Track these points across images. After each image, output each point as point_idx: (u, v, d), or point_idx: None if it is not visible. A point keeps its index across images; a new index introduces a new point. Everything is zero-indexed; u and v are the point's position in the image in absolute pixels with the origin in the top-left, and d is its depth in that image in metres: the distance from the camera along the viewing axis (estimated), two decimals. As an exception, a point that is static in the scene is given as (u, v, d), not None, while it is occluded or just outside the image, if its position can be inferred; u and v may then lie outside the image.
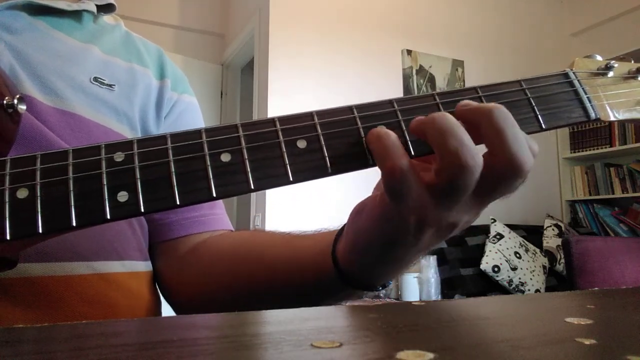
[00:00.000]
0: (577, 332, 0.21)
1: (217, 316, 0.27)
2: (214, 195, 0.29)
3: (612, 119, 0.38)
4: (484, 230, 2.58)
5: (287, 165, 0.30)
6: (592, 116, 0.37)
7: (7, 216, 0.27)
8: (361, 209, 0.35)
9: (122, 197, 0.28)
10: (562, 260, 2.47)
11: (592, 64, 0.40)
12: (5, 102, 0.34)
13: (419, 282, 2.16)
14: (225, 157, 0.30)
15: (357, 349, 0.18)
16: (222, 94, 3.40)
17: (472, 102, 0.32)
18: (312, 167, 0.31)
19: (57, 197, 0.28)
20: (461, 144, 0.28)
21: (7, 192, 0.27)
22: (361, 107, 0.33)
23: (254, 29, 2.75)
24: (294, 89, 2.51)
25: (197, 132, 0.31)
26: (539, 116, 0.35)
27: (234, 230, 0.58)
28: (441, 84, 2.91)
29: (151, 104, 0.56)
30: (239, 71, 3.48)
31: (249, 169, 0.30)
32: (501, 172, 0.29)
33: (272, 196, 2.38)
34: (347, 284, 0.38)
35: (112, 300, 0.46)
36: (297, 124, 0.32)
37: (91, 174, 0.28)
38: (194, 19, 3.45)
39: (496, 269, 2.39)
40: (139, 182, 0.29)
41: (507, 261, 2.43)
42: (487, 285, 2.41)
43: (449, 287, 2.32)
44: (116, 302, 0.46)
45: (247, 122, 0.31)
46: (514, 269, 2.42)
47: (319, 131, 0.32)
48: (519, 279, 2.41)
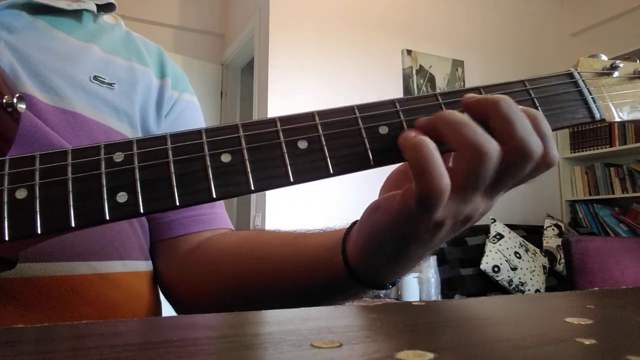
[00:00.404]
0: (577, 332, 0.21)
1: (217, 316, 0.27)
2: (214, 196, 0.29)
3: (617, 120, 0.38)
4: (484, 230, 2.58)
5: (288, 165, 0.30)
6: (597, 117, 0.36)
7: (5, 217, 0.27)
8: (376, 208, 0.35)
9: (122, 197, 0.28)
10: (562, 260, 2.47)
11: (597, 64, 0.40)
12: (4, 101, 0.34)
13: (419, 282, 2.16)
14: (225, 158, 0.30)
15: (357, 349, 0.18)
16: (222, 94, 3.40)
17: (477, 95, 0.33)
18: (313, 168, 0.30)
19: (56, 197, 0.28)
20: (475, 132, 0.29)
21: (5, 193, 0.27)
22: (363, 107, 0.33)
23: (254, 29, 2.75)
24: (294, 89, 2.51)
25: (197, 133, 0.30)
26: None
27: (234, 229, 0.58)
28: (441, 84, 2.91)
29: (152, 102, 0.56)
30: (239, 71, 3.48)
31: (249, 170, 0.30)
32: (512, 160, 0.30)
33: (272, 196, 2.38)
34: (358, 282, 0.38)
35: (112, 300, 0.46)
36: (298, 124, 0.31)
37: (90, 175, 0.28)
38: (194, 19, 3.45)
39: (496, 269, 2.39)
40: (138, 183, 0.28)
41: (507, 261, 2.43)
42: (487, 285, 2.41)
43: (449, 287, 2.32)
44: (117, 302, 0.46)
45: (248, 122, 0.31)
46: (514, 269, 2.42)
47: (320, 131, 0.31)
48: (519, 279, 2.41)
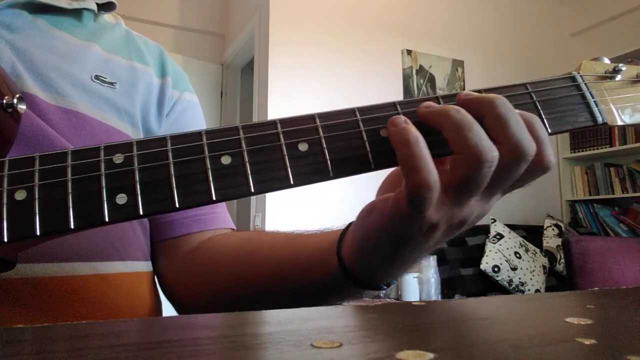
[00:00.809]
0: (577, 332, 0.21)
1: (217, 316, 0.27)
2: (214, 198, 0.29)
3: (620, 124, 0.37)
4: (484, 230, 2.58)
5: (288, 168, 0.30)
6: (599, 121, 0.36)
7: (5, 218, 0.26)
8: (371, 209, 0.35)
9: (121, 199, 0.28)
10: (562, 260, 2.47)
11: (599, 67, 0.40)
12: (4, 101, 0.34)
13: (419, 282, 2.15)
14: (225, 160, 0.30)
15: (357, 349, 0.18)
16: (222, 94, 3.40)
17: (472, 93, 0.32)
18: (314, 171, 0.30)
19: (56, 199, 0.27)
20: (480, 138, 0.29)
21: (5, 194, 0.27)
22: (364, 110, 0.32)
23: (254, 29, 2.75)
24: (294, 89, 2.51)
25: (197, 134, 0.30)
26: (545, 120, 0.34)
27: (235, 229, 0.58)
28: (441, 84, 2.90)
29: (153, 102, 0.56)
30: (239, 71, 3.48)
31: (249, 172, 0.29)
32: (506, 160, 0.30)
33: (272, 196, 2.38)
34: (353, 282, 0.38)
35: (113, 300, 0.46)
36: (299, 127, 0.31)
37: (90, 176, 0.28)
38: (194, 19, 3.45)
39: (496, 269, 2.39)
40: (138, 185, 0.28)
41: (507, 261, 2.43)
42: (487, 285, 2.41)
43: (449, 287, 2.32)
44: (117, 302, 0.46)
45: (248, 124, 0.31)
46: (514, 269, 2.42)
47: (321, 134, 0.31)
48: (519, 279, 2.41)
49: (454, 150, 0.30)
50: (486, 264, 2.40)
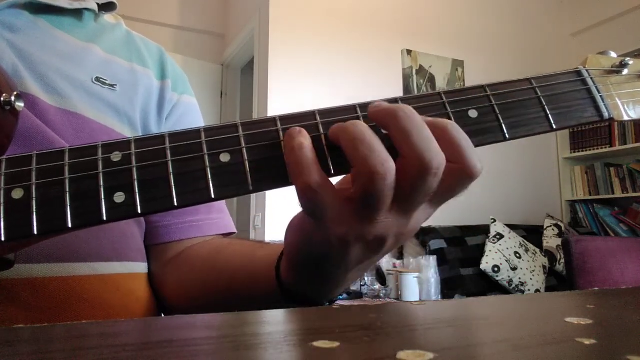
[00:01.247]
0: (577, 332, 0.21)
1: (217, 316, 0.27)
2: (213, 196, 0.29)
3: (626, 119, 0.36)
4: (484, 230, 2.58)
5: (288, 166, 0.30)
6: (605, 116, 0.35)
7: (2, 217, 0.26)
8: (292, 224, 0.34)
9: (119, 197, 0.28)
10: (562, 260, 2.47)
11: (605, 61, 0.39)
12: (2, 99, 0.34)
13: (419, 282, 2.15)
14: (224, 158, 0.29)
15: (357, 349, 0.18)
16: (222, 94, 3.40)
17: (383, 104, 0.31)
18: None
19: (53, 197, 0.27)
20: (370, 150, 0.28)
21: (2, 193, 0.27)
22: (365, 106, 0.32)
23: (254, 29, 2.75)
24: (294, 89, 2.51)
25: (196, 132, 0.30)
26: (550, 116, 0.33)
27: (234, 231, 0.58)
28: (441, 84, 2.91)
29: (153, 104, 0.56)
30: (239, 71, 3.48)
31: (248, 170, 0.29)
32: (413, 174, 0.28)
33: (272, 196, 2.38)
34: (290, 298, 0.38)
35: (112, 301, 0.46)
36: (299, 123, 0.31)
37: (88, 174, 0.28)
38: (194, 19, 3.45)
39: (496, 269, 2.39)
40: (136, 183, 0.28)
41: (507, 261, 2.43)
42: (487, 285, 2.41)
43: (449, 287, 2.32)
44: (115, 302, 0.46)
45: (248, 122, 0.31)
46: (514, 269, 2.42)
47: (321, 131, 0.31)
48: (519, 279, 2.41)
49: (351, 163, 0.29)
50: (486, 264, 2.40)
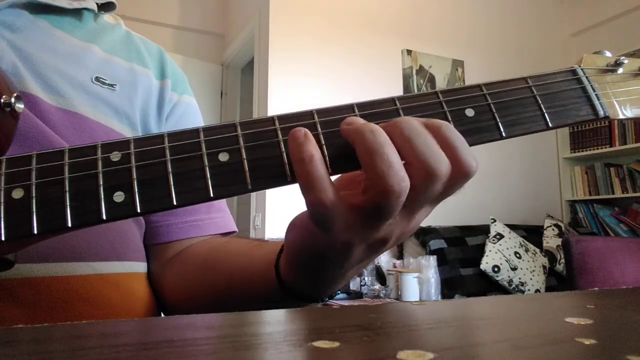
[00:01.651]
0: (577, 332, 0.21)
1: (217, 316, 0.27)
2: (211, 195, 0.29)
3: (621, 117, 0.37)
4: (484, 230, 2.58)
5: (286, 165, 0.30)
6: (601, 114, 0.35)
7: (2, 217, 0.26)
8: (295, 223, 0.34)
9: (119, 197, 0.28)
10: (562, 260, 2.47)
11: (600, 61, 0.39)
12: (2, 100, 0.34)
13: (419, 282, 2.16)
14: (223, 157, 0.29)
15: (357, 349, 0.18)
16: (222, 94, 3.40)
17: (385, 121, 0.30)
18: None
19: (53, 197, 0.27)
20: (389, 166, 0.27)
21: (2, 193, 0.27)
22: (363, 106, 0.32)
23: (254, 29, 2.75)
24: (294, 88, 2.51)
25: (194, 131, 0.30)
26: (546, 114, 0.34)
27: (235, 230, 0.58)
28: (441, 84, 2.91)
29: (152, 104, 0.56)
30: (239, 71, 3.48)
31: (247, 169, 0.29)
32: (419, 181, 0.28)
33: (272, 196, 2.38)
34: (290, 295, 0.38)
35: (112, 300, 0.46)
36: (297, 123, 0.31)
37: (87, 174, 0.28)
38: (194, 19, 3.45)
39: (496, 269, 2.39)
40: (135, 182, 0.28)
41: (507, 261, 2.43)
42: (487, 285, 2.41)
43: (449, 287, 2.32)
44: (116, 302, 0.46)
45: (246, 121, 0.31)
46: (514, 269, 2.42)
47: (319, 130, 0.31)
48: (519, 279, 2.41)
49: (364, 174, 0.28)
50: (486, 264, 2.40)
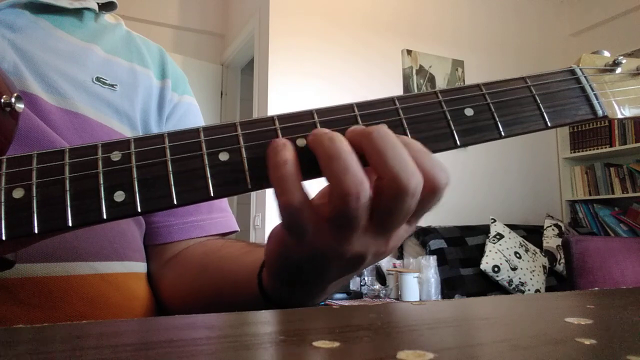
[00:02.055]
0: (577, 332, 0.21)
1: (217, 316, 0.27)
2: (212, 195, 0.29)
3: (620, 117, 0.37)
4: (484, 230, 2.58)
5: None
6: (600, 113, 0.36)
7: (2, 216, 0.27)
8: (272, 234, 0.34)
9: (119, 196, 0.28)
10: (562, 260, 2.47)
11: (599, 60, 0.39)
12: (2, 100, 0.34)
13: (419, 282, 2.15)
14: (223, 156, 0.30)
15: (357, 349, 0.18)
16: (222, 94, 3.40)
17: (359, 127, 0.30)
18: (312, 167, 0.30)
19: (53, 197, 0.27)
20: (345, 169, 0.27)
21: (2, 192, 0.27)
22: (362, 105, 0.32)
23: (254, 29, 2.75)
24: (294, 88, 2.51)
25: (194, 131, 0.30)
26: (544, 113, 0.34)
27: (236, 229, 0.58)
28: (441, 84, 2.91)
29: (153, 105, 0.56)
30: (239, 71, 3.48)
31: (247, 168, 0.29)
32: (390, 195, 0.28)
33: (273, 196, 2.37)
34: (272, 305, 0.38)
35: (112, 300, 0.46)
36: (297, 122, 0.31)
37: (87, 174, 0.28)
38: (194, 19, 3.45)
39: (496, 269, 2.39)
40: (135, 182, 0.28)
41: (507, 261, 2.43)
42: (487, 285, 2.41)
43: (449, 287, 2.32)
44: (116, 302, 0.46)
45: (246, 121, 0.31)
46: (514, 269, 2.42)
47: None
48: (519, 279, 2.41)
49: (327, 180, 0.28)
50: (486, 264, 2.40)
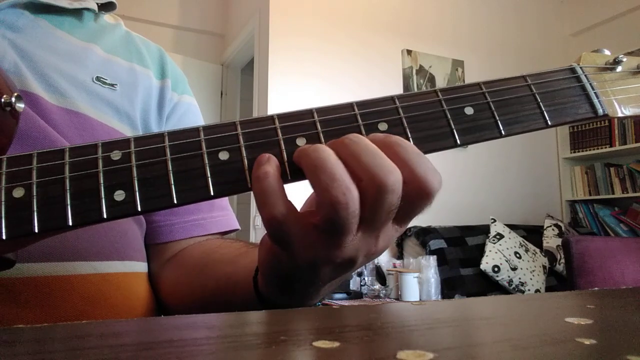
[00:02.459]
0: (577, 332, 0.21)
1: (217, 316, 0.27)
2: (212, 193, 0.29)
3: (620, 115, 0.37)
4: (484, 230, 2.58)
5: (286, 163, 0.30)
6: (600, 112, 0.36)
7: (3, 215, 0.27)
8: (262, 242, 0.34)
9: (119, 196, 0.28)
10: (562, 260, 2.47)
11: (599, 59, 0.39)
12: (3, 100, 0.34)
13: (419, 282, 2.15)
14: (223, 155, 0.30)
15: (357, 349, 0.18)
16: (222, 94, 3.40)
17: (335, 139, 0.30)
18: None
19: (54, 196, 0.28)
20: (332, 179, 0.27)
21: (3, 192, 0.27)
22: (362, 104, 0.32)
23: (254, 29, 2.75)
24: (294, 88, 2.51)
25: (194, 130, 0.30)
26: (545, 112, 0.34)
27: (237, 228, 0.58)
28: (441, 84, 2.91)
29: (153, 104, 0.56)
30: (239, 71, 3.48)
31: (247, 167, 0.29)
32: (372, 195, 0.28)
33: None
34: (268, 307, 0.38)
35: (112, 300, 0.46)
36: (297, 121, 0.31)
37: (88, 173, 0.28)
38: (194, 19, 3.45)
39: (496, 269, 2.39)
40: (135, 181, 0.28)
41: (507, 261, 2.43)
42: (487, 285, 2.41)
43: (449, 287, 2.32)
44: (117, 301, 0.46)
45: (246, 120, 0.31)
46: (514, 269, 2.42)
47: (319, 129, 0.31)
48: (519, 279, 2.41)
49: (314, 191, 0.28)
50: (486, 264, 2.40)
